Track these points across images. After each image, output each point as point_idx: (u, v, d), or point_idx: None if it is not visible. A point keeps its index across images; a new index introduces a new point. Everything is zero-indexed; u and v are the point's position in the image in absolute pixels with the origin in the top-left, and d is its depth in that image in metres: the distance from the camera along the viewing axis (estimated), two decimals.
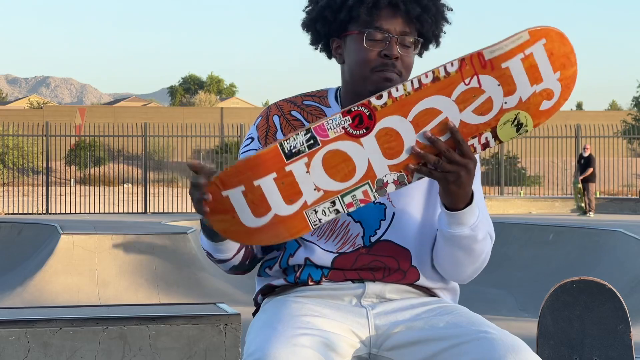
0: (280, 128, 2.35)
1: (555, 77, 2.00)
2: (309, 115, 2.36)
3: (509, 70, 1.99)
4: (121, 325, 3.92)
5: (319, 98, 2.40)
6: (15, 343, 3.82)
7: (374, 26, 2.24)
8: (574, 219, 17.55)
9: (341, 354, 2.17)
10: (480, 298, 10.88)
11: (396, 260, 2.29)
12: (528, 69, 1.99)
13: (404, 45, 2.26)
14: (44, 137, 23.45)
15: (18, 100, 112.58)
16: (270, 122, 2.37)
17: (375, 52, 2.25)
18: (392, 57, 2.24)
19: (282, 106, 2.39)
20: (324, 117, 2.25)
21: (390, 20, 2.25)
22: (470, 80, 2.00)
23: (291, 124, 2.35)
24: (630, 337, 3.63)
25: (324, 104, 2.38)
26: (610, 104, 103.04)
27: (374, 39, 2.25)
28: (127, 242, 11.67)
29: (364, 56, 2.25)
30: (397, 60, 2.25)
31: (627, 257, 11.40)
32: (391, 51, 2.24)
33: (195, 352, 3.97)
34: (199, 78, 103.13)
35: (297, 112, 2.37)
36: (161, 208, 23.57)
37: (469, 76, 2.00)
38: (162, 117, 45.34)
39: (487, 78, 1.99)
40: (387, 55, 2.24)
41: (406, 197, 2.29)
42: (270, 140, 2.34)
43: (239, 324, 4.02)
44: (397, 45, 2.25)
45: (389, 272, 2.29)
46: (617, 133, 30.13)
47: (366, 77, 2.26)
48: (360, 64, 2.26)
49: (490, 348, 2.08)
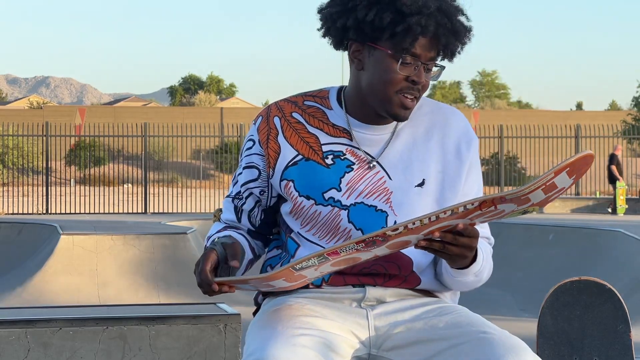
0: (282, 130, 2.34)
1: (570, 182, 1.99)
2: (310, 117, 2.34)
3: (528, 197, 1.98)
4: (121, 325, 3.92)
5: (320, 99, 2.37)
6: (15, 343, 3.82)
7: (410, 52, 2.22)
8: (574, 219, 17.53)
9: (341, 354, 2.17)
10: (480, 298, 10.87)
11: (397, 265, 2.29)
12: (547, 188, 1.97)
13: (428, 69, 2.26)
14: (44, 137, 23.45)
15: (18, 100, 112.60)
16: (271, 124, 2.35)
17: (403, 76, 2.23)
18: (419, 83, 2.24)
19: (283, 107, 2.37)
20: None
21: (425, 47, 2.22)
22: (488, 209, 2.00)
23: (292, 126, 2.34)
24: (630, 337, 3.63)
25: (325, 105, 2.36)
26: (610, 104, 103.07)
27: (406, 62, 2.22)
28: (127, 242, 11.66)
29: (391, 78, 2.23)
30: (420, 85, 2.25)
31: (627, 257, 11.39)
32: (420, 78, 2.23)
33: (195, 352, 3.97)
34: (199, 78, 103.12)
35: (298, 114, 2.35)
36: (161, 208, 23.58)
37: (487, 207, 2.00)
38: (162, 117, 45.31)
39: (506, 205, 1.99)
40: (414, 81, 2.23)
41: (408, 206, 2.29)
42: (272, 144, 2.33)
43: (239, 324, 4.02)
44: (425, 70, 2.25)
45: (389, 278, 2.30)
46: (617, 133, 30.12)
47: (389, 97, 2.24)
48: (386, 84, 2.24)
49: (490, 348, 2.08)
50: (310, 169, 2.30)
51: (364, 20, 2.21)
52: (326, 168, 2.30)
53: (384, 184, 2.29)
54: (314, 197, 2.29)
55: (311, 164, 2.30)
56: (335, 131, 2.32)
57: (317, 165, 2.30)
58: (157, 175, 31.78)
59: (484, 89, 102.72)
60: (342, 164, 2.30)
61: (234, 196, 2.41)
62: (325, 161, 2.30)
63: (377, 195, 2.28)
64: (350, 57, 2.31)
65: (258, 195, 2.38)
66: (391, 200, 2.28)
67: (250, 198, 2.39)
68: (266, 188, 2.37)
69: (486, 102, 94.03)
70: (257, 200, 2.39)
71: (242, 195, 2.39)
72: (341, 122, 2.33)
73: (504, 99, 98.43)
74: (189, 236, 12.09)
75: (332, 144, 2.32)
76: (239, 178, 2.40)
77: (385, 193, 2.28)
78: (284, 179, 2.31)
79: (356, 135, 2.31)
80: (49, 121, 24.89)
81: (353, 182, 2.29)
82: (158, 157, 37.19)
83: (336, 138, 2.32)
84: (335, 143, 2.32)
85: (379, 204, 2.28)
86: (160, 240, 11.95)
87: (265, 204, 2.39)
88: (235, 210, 2.41)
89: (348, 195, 2.28)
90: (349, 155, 2.30)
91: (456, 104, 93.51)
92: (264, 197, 2.38)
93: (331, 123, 2.33)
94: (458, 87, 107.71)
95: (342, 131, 2.32)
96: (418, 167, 2.30)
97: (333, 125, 2.33)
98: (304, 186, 2.30)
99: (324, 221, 2.29)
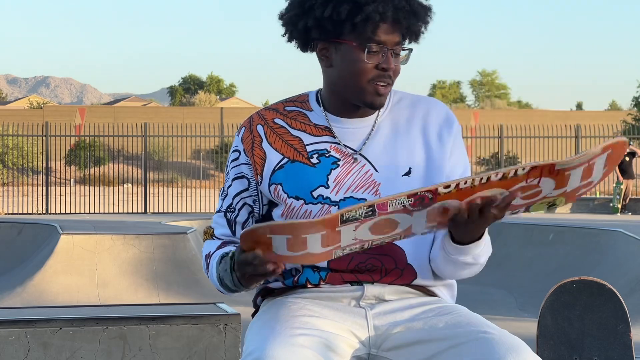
0: (265, 137, 2.36)
1: (603, 172, 2.03)
2: (292, 120, 2.37)
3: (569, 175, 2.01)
4: (121, 325, 3.92)
5: (300, 103, 2.41)
6: (15, 343, 3.82)
7: (374, 40, 2.24)
8: (574, 219, 17.53)
9: (340, 354, 2.17)
10: (480, 298, 10.88)
11: (392, 258, 2.29)
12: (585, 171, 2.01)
13: (396, 54, 2.29)
14: (44, 137, 23.45)
15: (18, 100, 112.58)
16: (254, 132, 2.37)
17: (372, 65, 2.26)
18: (389, 69, 2.26)
19: (265, 115, 2.40)
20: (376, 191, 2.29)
21: (388, 33, 2.25)
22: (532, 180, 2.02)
23: (275, 131, 2.36)
24: (630, 337, 3.63)
25: (306, 107, 2.39)
26: (610, 104, 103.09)
27: (372, 51, 2.25)
28: (127, 242, 11.66)
29: (360, 68, 2.26)
30: (390, 71, 2.27)
31: (627, 257, 11.40)
32: (389, 64, 2.26)
33: (195, 352, 3.97)
34: (199, 78, 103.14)
35: (280, 120, 2.38)
36: (161, 208, 23.58)
37: (533, 177, 2.01)
38: (162, 117, 45.33)
39: (548, 180, 2.02)
40: (384, 68, 2.26)
41: None
42: (257, 151, 2.34)
43: (239, 323, 4.02)
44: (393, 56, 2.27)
45: (385, 272, 2.30)
46: (617, 133, 30.13)
47: (362, 87, 2.27)
48: (357, 75, 2.27)
49: (490, 348, 2.08)
50: (297, 170, 2.32)
51: (323, 17, 2.24)
52: (312, 167, 2.31)
53: (371, 176, 2.30)
54: (303, 197, 2.30)
55: (297, 165, 2.32)
56: (318, 130, 2.35)
57: (303, 166, 2.32)
58: (157, 175, 31.78)
59: (484, 89, 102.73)
60: (328, 161, 2.32)
61: (225, 210, 2.41)
62: (311, 161, 2.32)
63: (365, 188, 2.30)
64: (318, 57, 2.34)
65: (251, 205, 2.39)
66: (380, 192, 2.29)
67: (243, 209, 2.39)
68: (257, 197, 2.38)
69: (486, 102, 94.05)
70: (249, 212, 2.39)
71: (234, 207, 2.40)
72: (322, 121, 2.36)
73: (504, 99, 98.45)
74: (189, 236, 12.09)
75: (316, 144, 2.34)
76: (230, 191, 2.40)
77: (373, 185, 2.30)
78: (272, 184, 2.33)
79: (337, 131, 2.34)
80: (49, 121, 24.90)
81: (340, 178, 2.30)
82: (158, 157, 37.20)
83: (319, 137, 2.34)
84: (318, 142, 2.34)
85: (368, 197, 2.29)
86: (160, 240, 11.95)
87: (258, 213, 2.40)
88: (229, 223, 2.41)
89: (337, 191, 2.29)
90: (333, 151, 2.33)
91: (456, 103, 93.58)
92: (257, 207, 2.39)
93: (313, 123, 2.36)
94: (458, 87, 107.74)
95: (323, 129, 2.35)
96: (403, 157, 2.32)
97: (315, 125, 2.36)
98: (292, 187, 2.31)
99: None
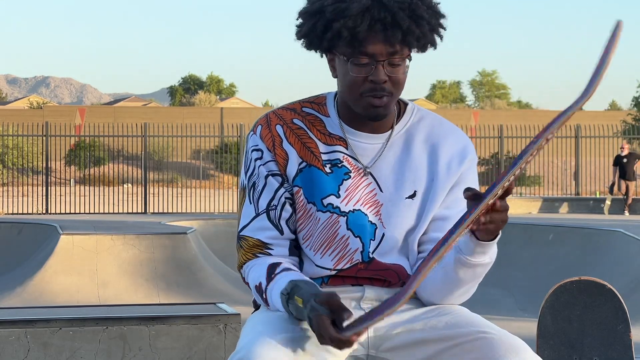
0: (285, 137, 2.31)
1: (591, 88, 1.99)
2: (310, 124, 2.33)
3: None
4: (121, 325, 3.92)
5: (317, 105, 2.35)
6: (15, 343, 3.82)
7: (358, 51, 2.19)
8: (574, 219, 17.53)
9: (335, 353, 2.16)
10: (480, 298, 10.85)
11: (396, 273, 2.30)
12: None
13: (392, 64, 2.20)
14: (44, 137, 23.44)
15: (18, 100, 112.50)
16: (274, 132, 2.31)
17: (362, 78, 2.20)
18: (380, 82, 2.19)
19: (282, 115, 2.34)
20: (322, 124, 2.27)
21: (375, 43, 2.18)
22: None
23: (295, 132, 2.31)
24: (630, 337, 3.63)
25: (322, 112, 2.34)
26: (610, 104, 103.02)
27: (360, 64, 2.19)
28: (127, 242, 11.66)
29: (350, 81, 2.21)
30: (386, 83, 2.20)
31: (627, 257, 11.40)
32: (377, 77, 2.19)
33: (195, 352, 3.97)
34: (199, 78, 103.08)
35: (299, 120, 2.33)
36: (161, 208, 23.57)
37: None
38: (162, 117, 45.27)
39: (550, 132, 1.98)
40: (372, 81, 2.19)
41: (397, 218, 2.28)
42: (278, 151, 2.29)
43: (239, 324, 4.02)
44: (385, 67, 2.19)
45: (389, 284, 2.30)
46: (617, 133, 30.11)
47: (356, 99, 2.23)
48: (349, 88, 2.23)
49: (490, 348, 2.08)
50: (313, 175, 2.29)
51: (315, 34, 2.23)
52: (326, 175, 2.29)
53: (375, 196, 2.28)
54: (315, 204, 2.28)
55: (313, 170, 2.29)
56: (332, 140, 2.31)
57: (318, 172, 2.29)
58: (157, 175, 31.76)
59: (483, 89, 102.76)
60: (340, 171, 2.29)
61: (266, 210, 2.30)
62: (325, 168, 2.29)
63: (368, 206, 2.28)
64: (329, 67, 2.31)
65: (291, 199, 2.30)
66: (381, 213, 2.28)
67: (286, 206, 2.30)
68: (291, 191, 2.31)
69: (486, 102, 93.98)
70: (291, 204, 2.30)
71: (275, 205, 2.30)
72: (337, 130, 2.32)
73: (504, 99, 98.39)
74: (188, 236, 12.09)
75: (330, 153, 2.30)
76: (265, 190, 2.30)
77: (375, 205, 2.28)
78: (294, 186, 2.30)
79: (351, 143, 2.30)
80: (48, 121, 24.87)
81: (351, 190, 2.28)
82: (158, 157, 37.17)
83: (333, 146, 2.31)
84: (332, 152, 2.30)
85: (370, 216, 2.28)
86: (160, 240, 11.96)
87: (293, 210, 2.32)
88: (273, 223, 2.30)
89: (347, 202, 2.27)
90: (345, 163, 2.30)
91: (456, 104, 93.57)
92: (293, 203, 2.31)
93: (328, 132, 2.32)
94: (458, 87, 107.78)
95: (338, 139, 2.31)
96: (410, 179, 2.29)
97: (329, 135, 2.31)
98: (309, 193, 2.29)
99: (322, 229, 2.28)
